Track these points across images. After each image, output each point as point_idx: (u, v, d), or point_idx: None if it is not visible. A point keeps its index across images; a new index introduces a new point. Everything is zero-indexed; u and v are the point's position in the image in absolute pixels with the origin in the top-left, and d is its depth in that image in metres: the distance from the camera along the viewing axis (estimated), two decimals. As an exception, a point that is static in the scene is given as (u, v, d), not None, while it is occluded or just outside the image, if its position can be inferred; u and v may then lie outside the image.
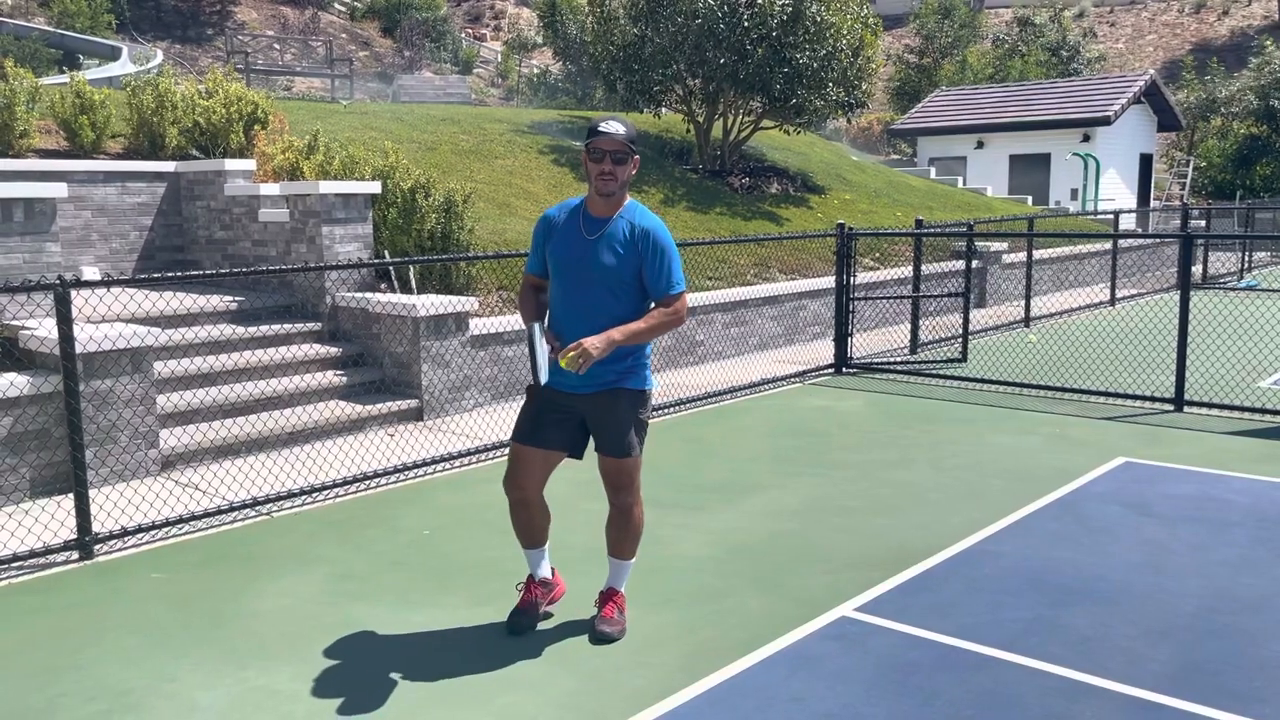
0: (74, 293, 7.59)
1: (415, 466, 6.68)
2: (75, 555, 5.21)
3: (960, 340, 10.85)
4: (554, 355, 3.88)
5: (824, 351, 10.79)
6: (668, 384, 9.44)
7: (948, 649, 4.05)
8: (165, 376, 7.22)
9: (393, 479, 6.56)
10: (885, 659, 3.97)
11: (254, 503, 5.90)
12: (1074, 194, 24.08)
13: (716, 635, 4.22)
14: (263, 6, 32.93)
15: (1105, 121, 23.66)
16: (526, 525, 4.19)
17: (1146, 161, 26.66)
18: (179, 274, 5.76)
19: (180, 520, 5.58)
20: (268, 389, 7.56)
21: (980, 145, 25.58)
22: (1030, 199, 22.95)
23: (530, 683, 3.84)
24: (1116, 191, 24.91)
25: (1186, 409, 8.28)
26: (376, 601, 4.62)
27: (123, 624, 4.42)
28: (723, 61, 14.82)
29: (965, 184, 23.12)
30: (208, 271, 5.98)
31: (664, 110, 16.90)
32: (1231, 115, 31.39)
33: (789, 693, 3.72)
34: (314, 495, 6.19)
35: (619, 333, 3.80)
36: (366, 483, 6.45)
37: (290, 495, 6.04)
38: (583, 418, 4.04)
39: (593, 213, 3.94)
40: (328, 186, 8.61)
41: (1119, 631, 4.19)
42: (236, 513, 5.85)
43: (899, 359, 10.71)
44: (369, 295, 8.38)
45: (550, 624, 4.33)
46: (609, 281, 3.88)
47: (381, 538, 5.48)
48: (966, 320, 10.66)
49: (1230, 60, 39.18)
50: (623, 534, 4.21)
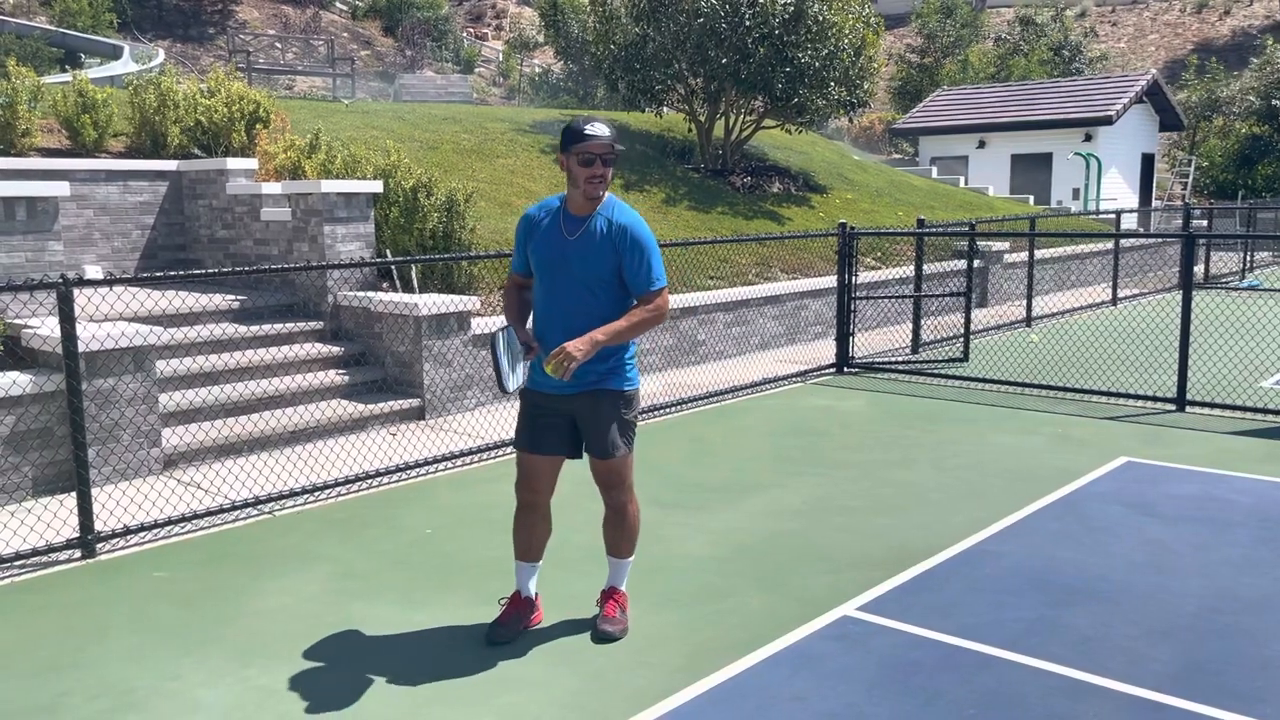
0: (76, 291, 7.60)
1: (417, 466, 6.69)
2: (78, 554, 5.22)
3: (962, 340, 10.85)
4: (530, 358, 3.92)
5: (825, 351, 10.80)
6: (669, 383, 9.44)
7: (950, 648, 4.05)
8: (167, 375, 7.23)
9: (394, 478, 6.56)
10: (887, 658, 3.97)
11: (256, 501, 5.91)
12: (1076, 194, 24.07)
13: (718, 635, 4.22)
14: (264, 6, 32.93)
15: (1107, 121, 23.65)
16: (528, 533, 4.18)
17: (1148, 161, 26.65)
18: (181, 273, 5.76)
19: (182, 519, 5.59)
20: (270, 388, 7.56)
21: (982, 145, 25.57)
22: (1032, 199, 22.93)
23: (532, 682, 3.84)
24: (1118, 191, 24.89)
25: (1188, 409, 8.28)
26: (378, 600, 4.63)
27: (125, 623, 4.42)
28: (724, 61, 14.81)
29: (967, 183, 23.11)
30: (210, 270, 6.00)
31: (665, 109, 16.88)
32: (1233, 115, 31.38)
33: (791, 692, 3.72)
34: (316, 494, 6.19)
35: (601, 333, 3.78)
36: (368, 482, 6.45)
37: (292, 494, 6.05)
38: (573, 418, 4.04)
39: (573, 212, 3.93)
40: (329, 185, 8.61)
41: (1121, 631, 4.19)
42: (238, 511, 5.86)
43: (901, 359, 10.71)
44: (371, 294, 8.38)
45: (552, 624, 4.33)
46: (590, 280, 3.88)
47: (383, 537, 5.48)
48: (968, 320, 10.66)
49: (1232, 60, 39.16)
50: (619, 532, 4.21)
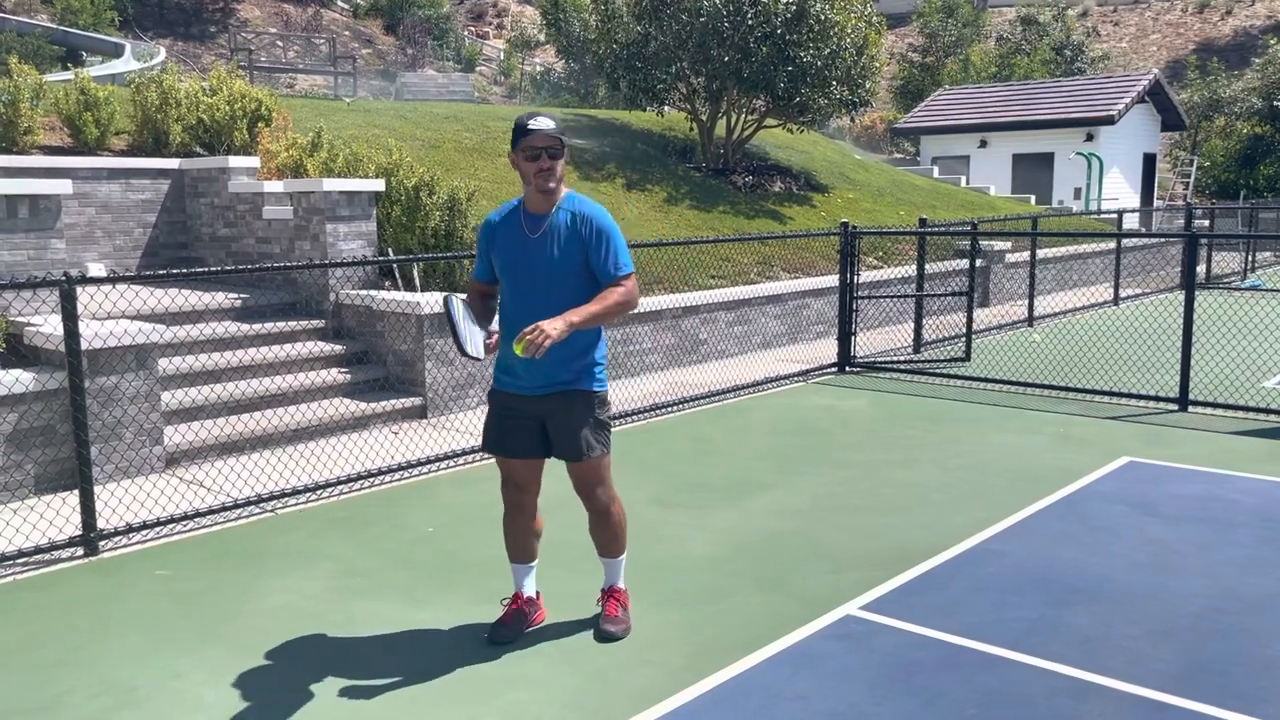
0: (79, 289, 7.60)
1: (419, 464, 6.69)
2: (80, 551, 5.22)
3: (964, 339, 10.84)
4: (494, 349, 3.85)
5: (827, 350, 10.79)
6: (671, 382, 9.44)
7: (952, 648, 4.05)
8: (170, 373, 7.23)
9: (397, 476, 6.56)
10: (890, 658, 3.97)
11: (258, 500, 5.91)
12: (1077, 194, 24.06)
13: (720, 634, 4.22)
14: (265, 4, 32.92)
15: (1109, 121, 23.64)
16: (517, 535, 4.16)
17: (1150, 161, 26.64)
18: (183, 271, 5.76)
19: (185, 517, 5.59)
20: (272, 386, 7.56)
21: (983, 144, 25.56)
22: (1033, 198, 22.93)
23: (534, 681, 3.84)
24: (1120, 191, 24.88)
25: (1191, 409, 8.27)
26: (380, 599, 4.63)
27: (128, 620, 4.42)
28: (726, 59, 14.81)
29: (968, 183, 23.11)
30: (212, 268, 5.99)
31: (667, 109, 16.88)
32: (1235, 115, 31.35)
33: (793, 691, 3.72)
34: (318, 492, 6.19)
35: (575, 314, 3.71)
36: (370, 480, 6.46)
37: (294, 492, 6.05)
38: (542, 421, 3.97)
39: (532, 210, 3.89)
40: (331, 184, 8.60)
41: (1123, 631, 4.19)
42: (241, 510, 5.86)
43: (902, 358, 10.71)
44: (373, 293, 8.38)
45: (554, 623, 4.33)
46: (559, 275, 3.85)
47: (385, 535, 5.48)
48: (970, 319, 10.65)
49: (1234, 60, 39.14)
50: (606, 534, 4.16)
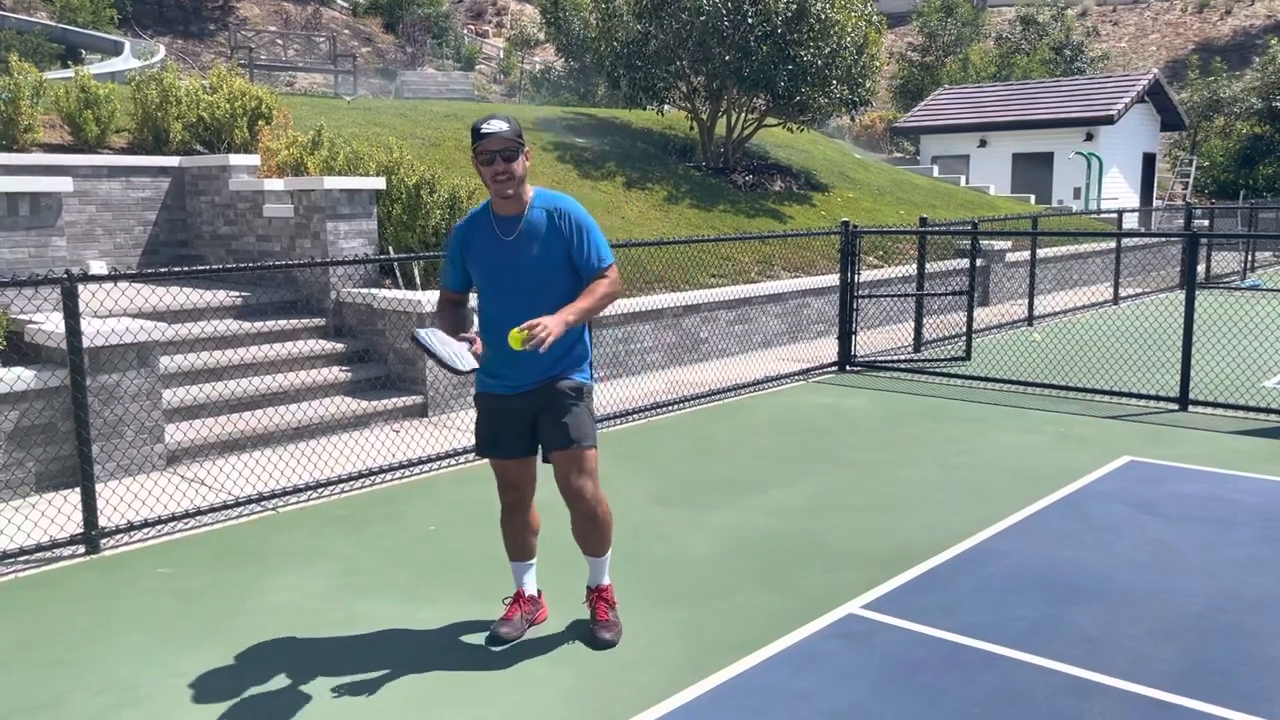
0: (80, 287, 7.59)
1: (420, 463, 6.69)
2: (81, 549, 5.22)
3: (964, 338, 10.84)
4: (475, 349, 3.70)
5: (828, 349, 10.80)
6: (672, 381, 9.44)
7: (954, 647, 4.05)
8: (171, 371, 7.22)
9: (398, 475, 6.56)
10: (892, 657, 3.97)
11: (259, 498, 5.90)
12: (1077, 193, 24.07)
13: (722, 633, 4.22)
14: (264, 2, 32.89)
15: (1108, 121, 23.65)
16: (516, 533, 4.15)
17: (1149, 161, 26.65)
18: (185, 269, 5.76)
19: (186, 515, 5.58)
20: (273, 384, 7.56)
21: (983, 144, 25.57)
22: (1033, 198, 22.94)
23: (536, 679, 3.84)
24: (1119, 191, 24.89)
25: (1191, 408, 8.27)
26: (381, 597, 4.63)
27: (129, 618, 4.42)
28: (727, 58, 14.80)
29: (968, 182, 23.11)
30: (213, 267, 5.99)
31: (667, 107, 16.87)
32: (1235, 115, 31.37)
33: (795, 690, 3.72)
34: (319, 491, 6.19)
35: (570, 313, 3.69)
36: (371, 478, 6.45)
37: (295, 491, 6.05)
38: (532, 416, 3.93)
39: (502, 213, 3.84)
40: (332, 182, 8.60)
41: (1125, 630, 4.19)
42: (242, 508, 5.86)
43: (903, 357, 10.71)
44: (373, 291, 8.38)
45: (555, 621, 4.34)
46: (540, 274, 3.81)
47: (387, 533, 5.48)
48: (970, 319, 10.65)
49: (1233, 59, 39.15)
50: (594, 534, 4.06)
